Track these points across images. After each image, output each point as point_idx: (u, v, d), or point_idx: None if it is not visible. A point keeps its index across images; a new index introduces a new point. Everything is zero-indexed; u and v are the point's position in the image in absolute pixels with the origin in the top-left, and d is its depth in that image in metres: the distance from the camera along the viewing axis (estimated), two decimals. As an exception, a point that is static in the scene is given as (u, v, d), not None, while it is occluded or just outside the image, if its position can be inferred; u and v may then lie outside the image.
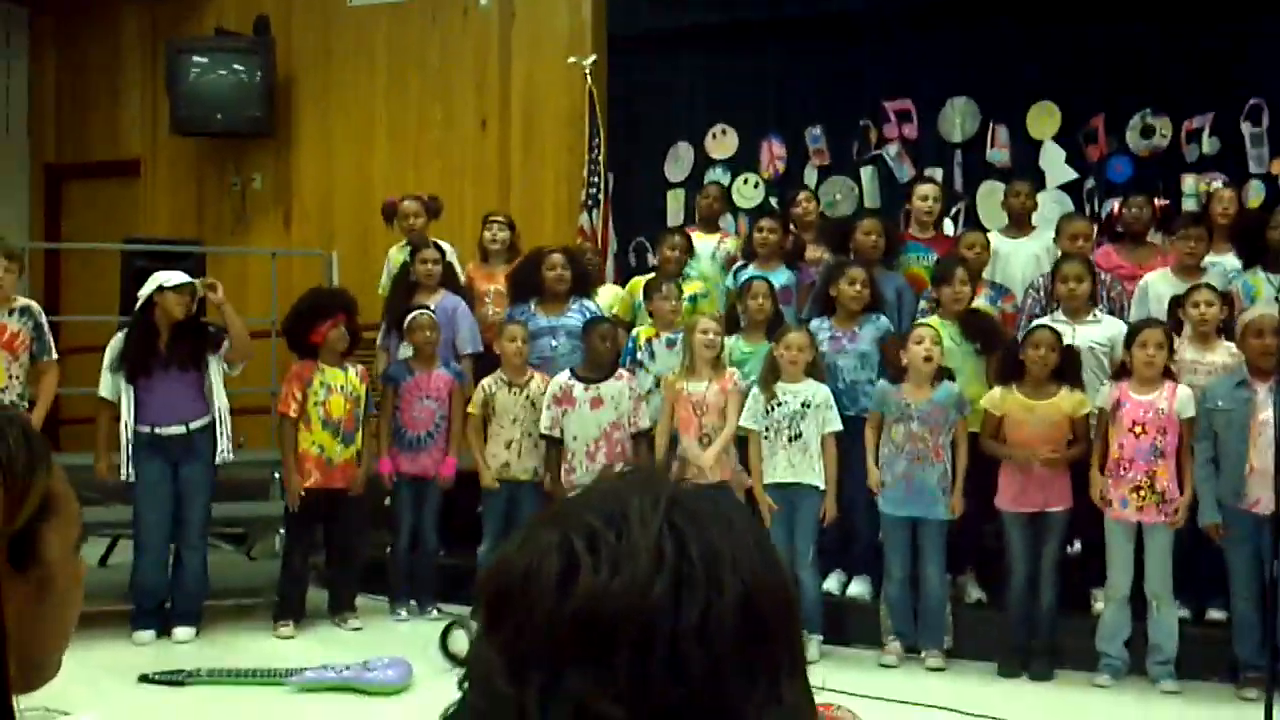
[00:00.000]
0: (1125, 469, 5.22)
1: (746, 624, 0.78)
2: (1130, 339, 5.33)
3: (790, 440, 5.62)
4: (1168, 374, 5.28)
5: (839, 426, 5.65)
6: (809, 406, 5.61)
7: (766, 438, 5.67)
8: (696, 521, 0.80)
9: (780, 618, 0.81)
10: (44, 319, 5.95)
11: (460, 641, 4.94)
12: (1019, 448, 5.40)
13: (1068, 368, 5.42)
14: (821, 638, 5.63)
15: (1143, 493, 5.18)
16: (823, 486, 5.62)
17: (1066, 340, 5.57)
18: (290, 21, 9.07)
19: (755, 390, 5.73)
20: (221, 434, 5.84)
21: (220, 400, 5.86)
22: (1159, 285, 5.93)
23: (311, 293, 6.44)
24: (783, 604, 0.82)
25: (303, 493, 5.96)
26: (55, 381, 6.00)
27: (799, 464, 5.62)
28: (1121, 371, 5.35)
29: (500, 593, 0.81)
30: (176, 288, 5.75)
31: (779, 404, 5.63)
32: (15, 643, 0.98)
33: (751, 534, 0.83)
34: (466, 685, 0.81)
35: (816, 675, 0.87)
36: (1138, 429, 5.20)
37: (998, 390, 5.50)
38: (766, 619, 0.80)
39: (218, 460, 5.85)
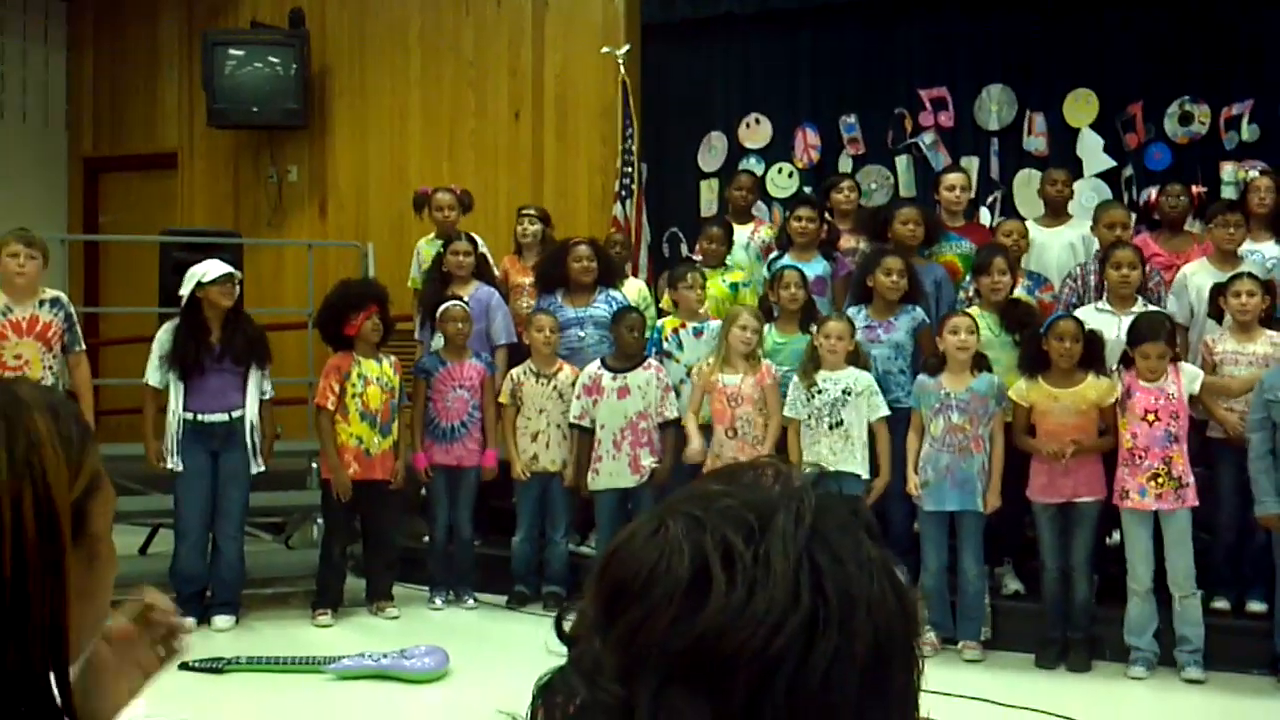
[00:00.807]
0: (1141, 458, 5.16)
1: (872, 668, 0.76)
2: (1133, 340, 5.23)
3: (831, 428, 5.61)
4: (1173, 358, 5.23)
5: (886, 412, 5.62)
6: (850, 394, 5.59)
7: (808, 425, 5.66)
8: (836, 555, 0.77)
9: (904, 656, 0.79)
10: (73, 310, 5.97)
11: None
12: (1048, 438, 5.37)
13: (1092, 355, 5.38)
14: None
15: (1160, 480, 5.13)
16: (864, 475, 5.60)
17: (1111, 329, 5.54)
18: (324, 13, 9.11)
19: (796, 379, 5.72)
20: (255, 443, 5.88)
21: (254, 409, 5.89)
22: (1198, 275, 5.86)
23: (342, 284, 6.46)
24: (907, 642, 0.79)
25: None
26: (88, 372, 6.03)
27: (840, 451, 5.59)
28: (1128, 360, 5.28)
29: (619, 587, 0.78)
30: (216, 280, 5.79)
31: (819, 391, 5.62)
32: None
33: (882, 561, 0.80)
34: (570, 667, 0.79)
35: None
36: (1150, 417, 5.15)
37: (1023, 381, 5.46)
38: (892, 661, 0.77)
39: (251, 471, 5.89)
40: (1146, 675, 5.23)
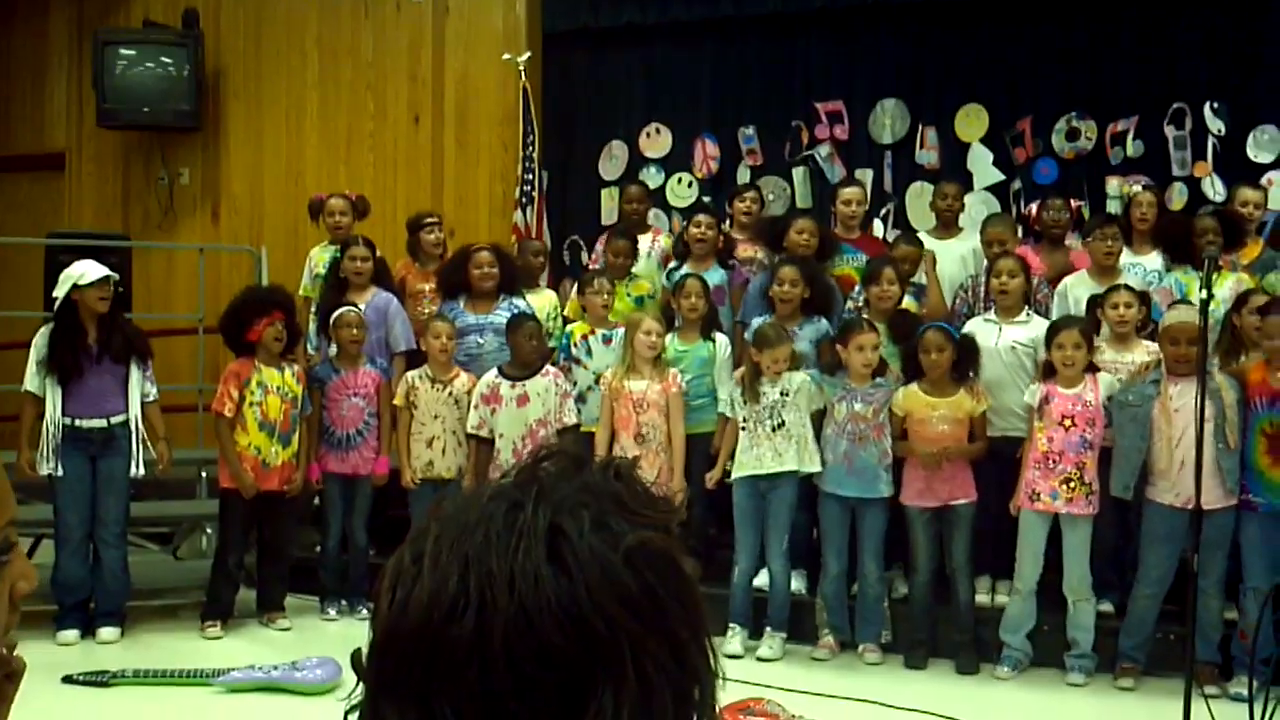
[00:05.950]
0: (1055, 461, 5.30)
1: (537, 644, 0.76)
2: (1049, 339, 5.42)
3: (774, 430, 5.63)
4: (1091, 368, 5.38)
5: (819, 405, 5.70)
6: (788, 395, 5.64)
7: (746, 429, 5.67)
8: (488, 538, 0.79)
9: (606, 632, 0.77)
10: None
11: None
12: (927, 445, 5.49)
13: (965, 361, 5.52)
14: (785, 635, 5.68)
15: (1072, 484, 5.27)
16: (816, 468, 5.61)
17: (994, 339, 5.68)
18: (219, 14, 8.95)
19: (735, 380, 5.77)
20: (136, 445, 5.77)
21: (136, 410, 5.79)
22: (1078, 287, 6.02)
23: (249, 290, 6.37)
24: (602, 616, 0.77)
25: (257, 487, 5.90)
26: None
27: (784, 451, 5.62)
28: (1048, 371, 5.44)
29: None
30: (94, 283, 5.65)
31: (760, 394, 5.66)
32: None
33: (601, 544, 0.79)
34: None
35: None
36: (1067, 422, 5.30)
37: (900, 390, 5.58)
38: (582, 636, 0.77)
39: (130, 474, 5.78)
40: (1011, 675, 5.38)
